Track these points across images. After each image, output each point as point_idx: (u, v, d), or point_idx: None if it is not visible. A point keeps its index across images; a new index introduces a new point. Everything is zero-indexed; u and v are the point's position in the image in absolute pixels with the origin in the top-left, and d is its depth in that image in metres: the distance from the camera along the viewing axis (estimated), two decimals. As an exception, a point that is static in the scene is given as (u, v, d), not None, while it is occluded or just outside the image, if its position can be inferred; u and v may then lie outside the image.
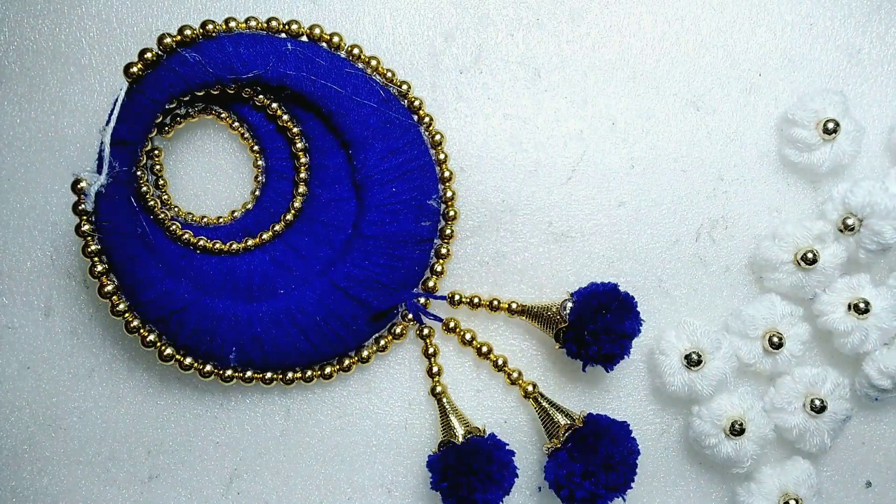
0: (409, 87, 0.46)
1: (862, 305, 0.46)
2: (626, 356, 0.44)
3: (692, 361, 0.45)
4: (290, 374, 0.45)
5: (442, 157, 0.46)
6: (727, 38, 0.49)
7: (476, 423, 0.46)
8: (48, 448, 0.47)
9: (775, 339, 0.46)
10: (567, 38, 0.48)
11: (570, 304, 0.44)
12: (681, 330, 0.46)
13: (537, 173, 0.48)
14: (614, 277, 0.47)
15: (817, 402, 0.46)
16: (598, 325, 0.43)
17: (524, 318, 0.46)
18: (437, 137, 0.46)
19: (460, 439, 0.44)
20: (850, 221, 0.46)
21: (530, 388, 0.46)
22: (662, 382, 0.46)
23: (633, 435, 0.44)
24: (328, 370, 0.46)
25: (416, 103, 0.46)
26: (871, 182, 0.46)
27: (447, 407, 0.46)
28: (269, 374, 0.45)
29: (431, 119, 0.46)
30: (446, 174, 0.46)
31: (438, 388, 0.46)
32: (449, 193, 0.46)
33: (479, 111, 0.48)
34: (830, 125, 0.46)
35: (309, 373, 0.46)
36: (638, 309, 0.44)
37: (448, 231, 0.46)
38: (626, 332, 0.44)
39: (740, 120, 0.48)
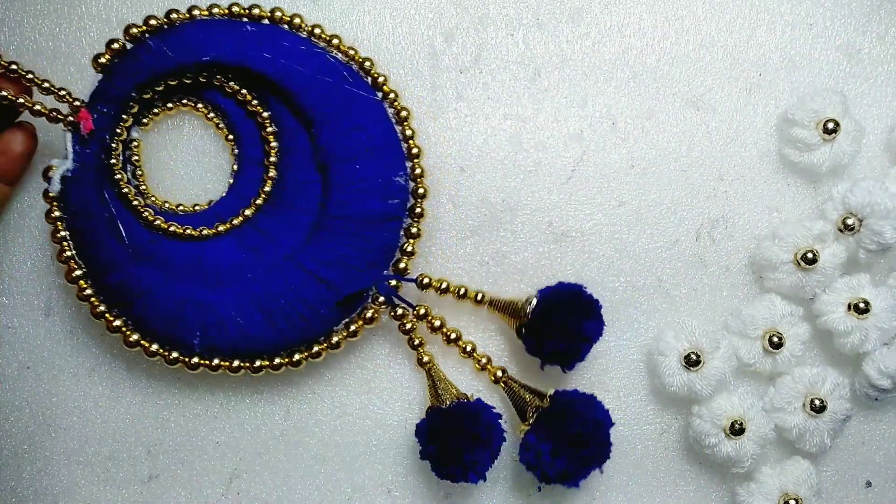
0: (372, 63, 0.45)
1: (862, 305, 0.46)
2: (581, 359, 0.44)
3: (691, 362, 0.45)
4: (258, 363, 0.44)
5: (409, 132, 0.45)
6: (727, 38, 0.49)
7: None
8: (48, 448, 0.47)
9: (775, 339, 0.46)
10: (567, 38, 0.48)
11: (534, 301, 0.44)
12: (680, 330, 0.46)
13: (537, 173, 0.48)
14: (614, 277, 0.47)
15: (817, 402, 0.46)
16: (555, 324, 0.43)
17: (490, 309, 0.46)
18: (403, 113, 0.45)
19: (447, 404, 0.44)
20: (850, 221, 0.46)
21: (499, 374, 0.45)
22: (661, 383, 0.46)
23: (602, 405, 0.44)
24: (296, 357, 0.44)
25: (380, 79, 0.45)
26: (871, 182, 0.46)
27: (434, 376, 0.45)
28: (236, 363, 0.44)
29: (396, 95, 0.45)
30: (414, 150, 0.45)
31: (426, 358, 0.45)
32: (418, 170, 0.45)
33: (479, 111, 0.48)
34: (830, 125, 0.46)
35: (277, 360, 0.44)
36: (601, 313, 0.44)
37: (418, 210, 0.45)
38: (583, 335, 0.43)
39: (740, 120, 0.48)
